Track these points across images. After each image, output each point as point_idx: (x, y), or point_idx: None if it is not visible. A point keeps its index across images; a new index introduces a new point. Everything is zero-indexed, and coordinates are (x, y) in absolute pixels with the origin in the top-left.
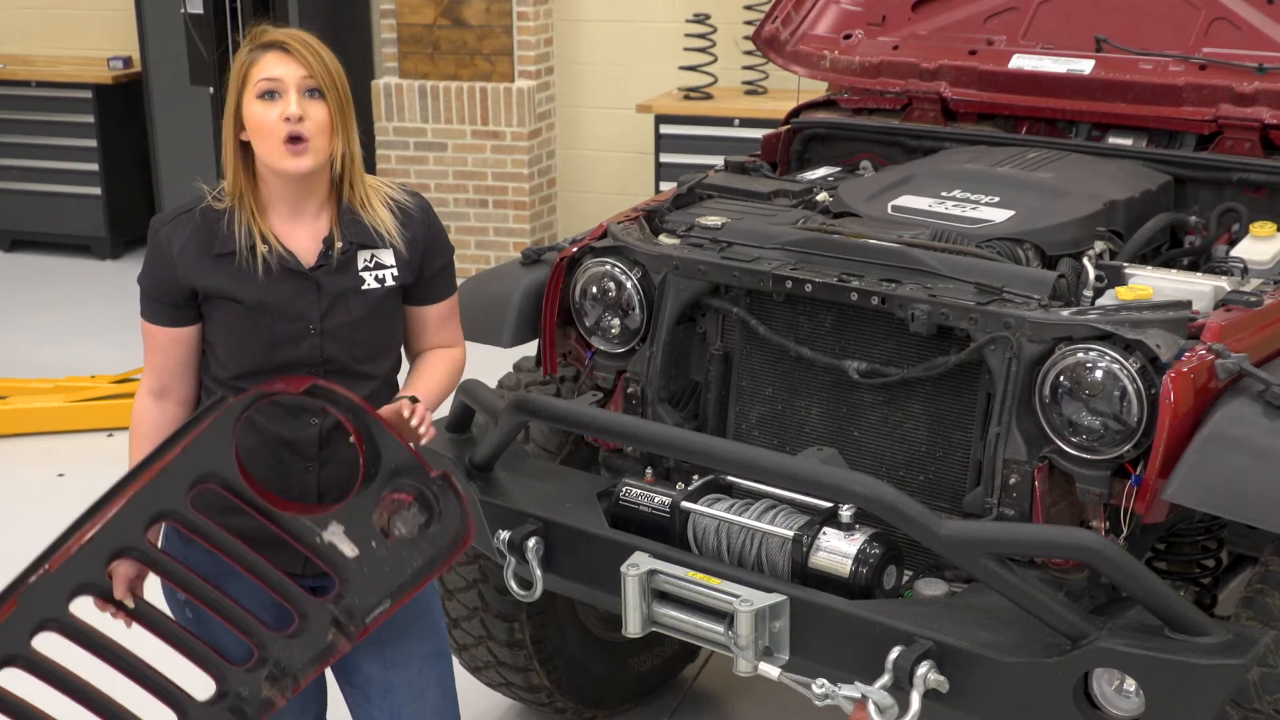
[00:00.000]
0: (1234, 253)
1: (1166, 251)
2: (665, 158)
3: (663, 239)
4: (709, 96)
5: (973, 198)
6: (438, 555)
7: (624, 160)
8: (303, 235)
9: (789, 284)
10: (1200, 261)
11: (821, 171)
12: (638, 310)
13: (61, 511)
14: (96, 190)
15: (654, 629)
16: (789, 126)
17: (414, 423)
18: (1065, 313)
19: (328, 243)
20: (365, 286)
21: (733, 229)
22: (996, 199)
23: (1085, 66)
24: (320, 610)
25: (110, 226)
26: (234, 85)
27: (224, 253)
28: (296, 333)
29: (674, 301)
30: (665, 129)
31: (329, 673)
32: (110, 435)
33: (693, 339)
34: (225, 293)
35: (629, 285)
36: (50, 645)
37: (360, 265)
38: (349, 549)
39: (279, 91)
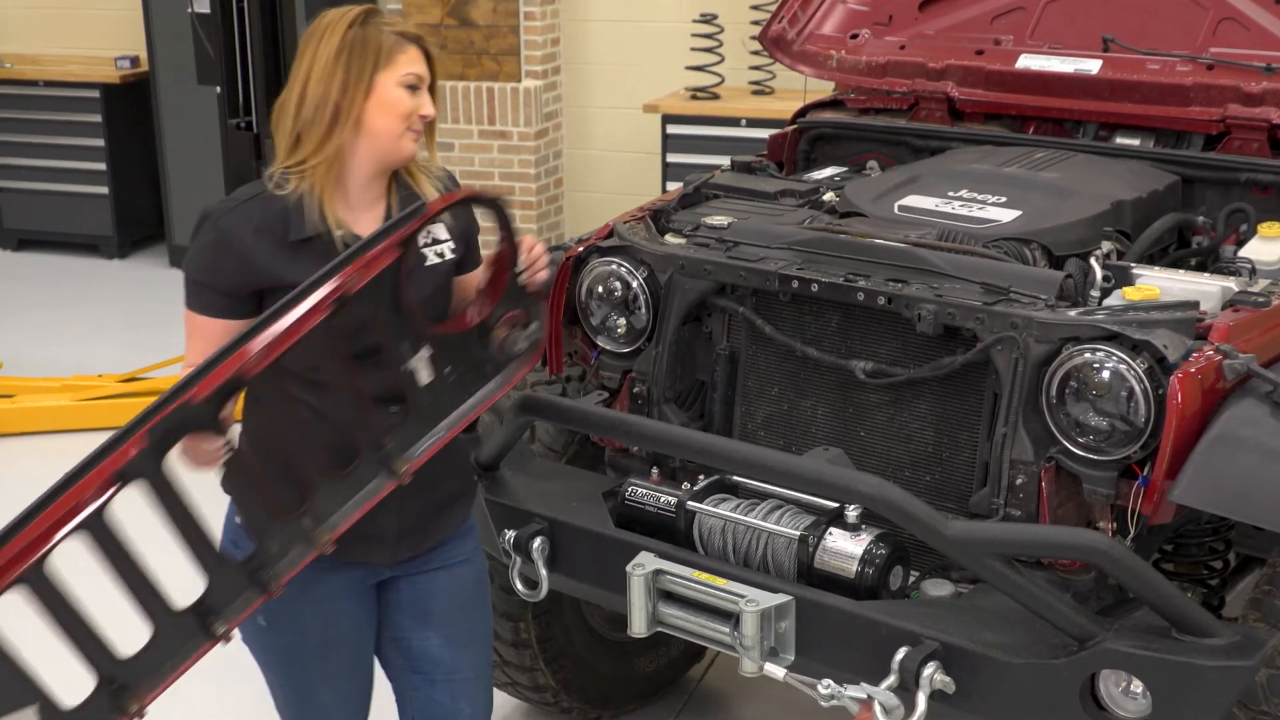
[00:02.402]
0: (1241, 253)
1: (1174, 252)
2: (672, 158)
3: (669, 238)
4: (716, 96)
5: (979, 197)
6: (500, 378)
7: (631, 160)
8: (365, 220)
9: (795, 284)
10: (1208, 262)
11: (828, 171)
12: (643, 310)
13: None
14: (104, 190)
15: (659, 629)
16: (795, 126)
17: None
18: (1072, 313)
19: None
20: (429, 263)
21: (739, 228)
22: (1003, 199)
23: (1092, 66)
24: (376, 444)
25: (118, 226)
26: (368, 58)
27: (301, 239)
28: None
29: (680, 301)
30: (672, 129)
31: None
32: None
33: (698, 339)
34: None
35: (635, 285)
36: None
37: (421, 243)
38: (425, 375)
39: (419, 88)
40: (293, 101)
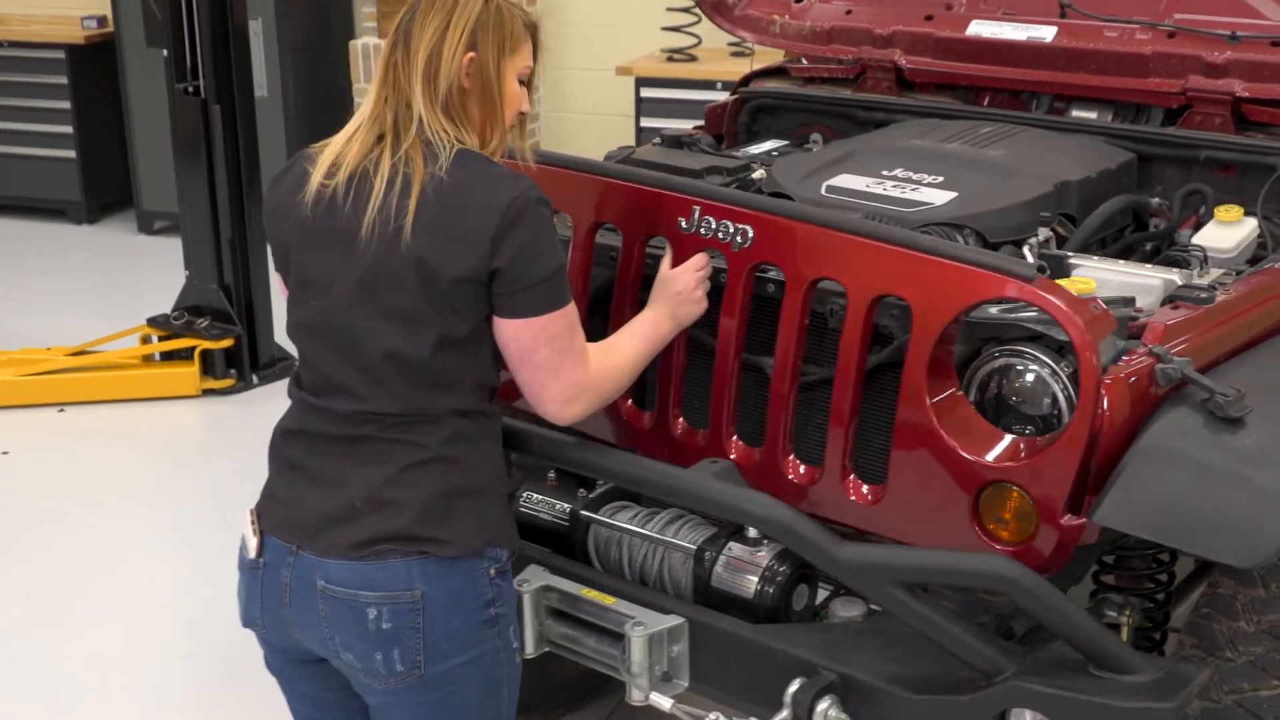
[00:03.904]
0: (1195, 239)
1: (1130, 235)
2: (646, 122)
3: None
4: (693, 59)
5: (914, 177)
6: None
7: (609, 123)
8: None
9: None
10: (1164, 247)
11: (767, 145)
12: None
13: (4, 491)
14: (71, 153)
15: (549, 649)
16: (736, 96)
17: None
18: (994, 309)
19: None
20: None
21: None
22: (940, 179)
23: (1047, 34)
24: None
25: (86, 190)
26: (504, 41)
27: None
28: None
29: (586, 291)
30: (646, 92)
31: None
32: (61, 410)
33: (606, 332)
34: None
35: None
36: None
37: None
38: None
39: (525, 82)
40: (418, 60)
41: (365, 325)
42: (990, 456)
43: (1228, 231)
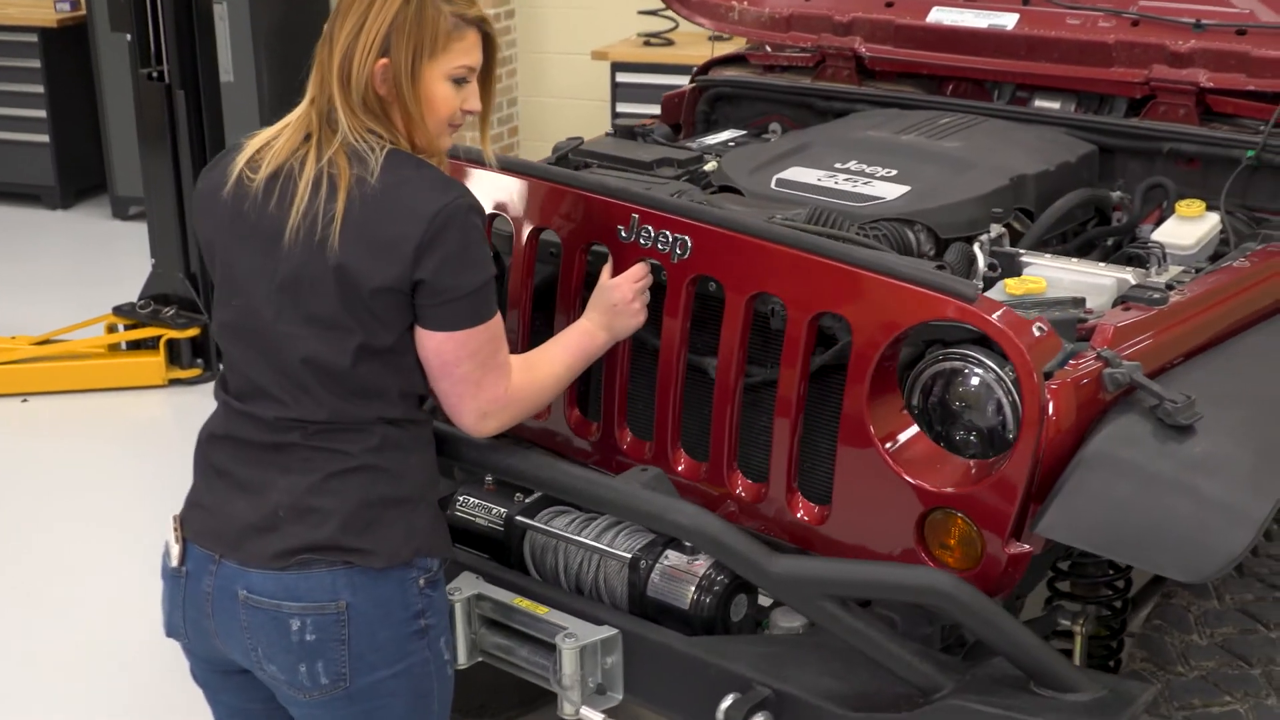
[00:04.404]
0: (1154, 236)
1: (1091, 230)
2: (623, 107)
3: None
4: (670, 43)
5: (867, 170)
6: None
7: (585, 109)
8: None
9: None
10: (1125, 243)
11: (725, 135)
12: None
13: None
14: (45, 138)
15: (482, 659)
16: (694, 85)
17: None
18: None
19: None
20: None
21: None
22: (893, 172)
23: (1008, 21)
24: None
25: (60, 175)
26: (423, 44)
27: None
28: None
29: (528, 298)
30: (622, 77)
31: None
32: (25, 401)
33: (551, 329)
34: None
35: None
36: None
37: None
38: None
39: (468, 80)
40: (334, 63)
41: (285, 330)
42: (933, 482)
43: (1188, 227)
